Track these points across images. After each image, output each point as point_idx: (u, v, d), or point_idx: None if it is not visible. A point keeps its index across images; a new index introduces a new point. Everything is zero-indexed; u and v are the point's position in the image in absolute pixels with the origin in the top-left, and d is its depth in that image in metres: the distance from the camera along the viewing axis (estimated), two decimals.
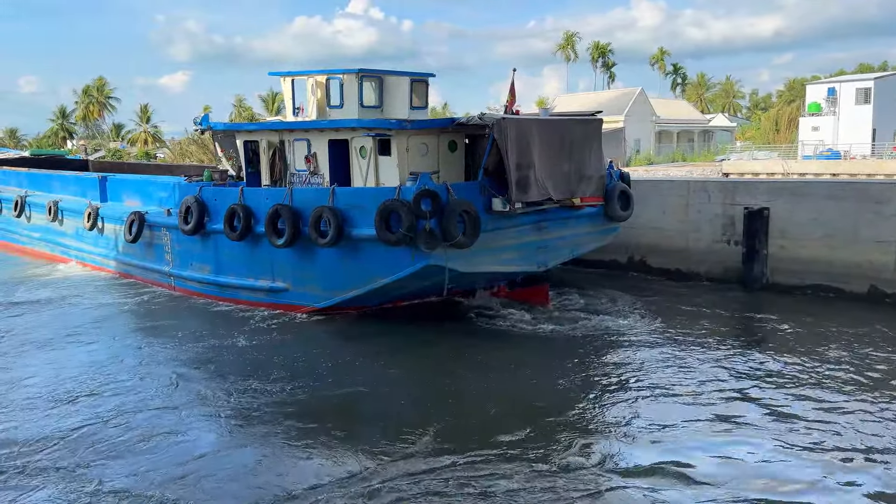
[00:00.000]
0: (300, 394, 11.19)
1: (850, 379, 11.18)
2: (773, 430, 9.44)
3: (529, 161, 14.40)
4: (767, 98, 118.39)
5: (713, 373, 11.64)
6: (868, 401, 10.31)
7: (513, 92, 15.65)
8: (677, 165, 57.12)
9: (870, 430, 9.30)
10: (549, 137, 14.77)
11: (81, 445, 9.35)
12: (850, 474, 8.23)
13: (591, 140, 15.47)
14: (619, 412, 10.20)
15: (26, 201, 23.52)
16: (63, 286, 19.15)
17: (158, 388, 11.47)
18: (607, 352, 13.03)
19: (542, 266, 15.68)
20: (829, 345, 12.92)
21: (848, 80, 64.37)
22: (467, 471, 8.40)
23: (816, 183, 17.38)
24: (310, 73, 17.41)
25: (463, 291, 16.12)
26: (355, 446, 9.14)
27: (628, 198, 16.44)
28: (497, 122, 14.06)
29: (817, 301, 16.12)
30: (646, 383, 11.26)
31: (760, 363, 12.07)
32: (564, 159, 15.04)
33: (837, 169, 43.88)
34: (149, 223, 18.26)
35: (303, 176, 16.55)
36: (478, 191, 14.40)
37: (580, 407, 10.41)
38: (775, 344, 13.20)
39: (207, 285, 17.22)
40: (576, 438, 9.28)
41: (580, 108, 73.94)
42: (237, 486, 8.31)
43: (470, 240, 13.77)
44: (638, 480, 8.20)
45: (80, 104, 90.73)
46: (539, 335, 14.06)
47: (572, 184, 15.19)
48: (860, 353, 12.47)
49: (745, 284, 17.41)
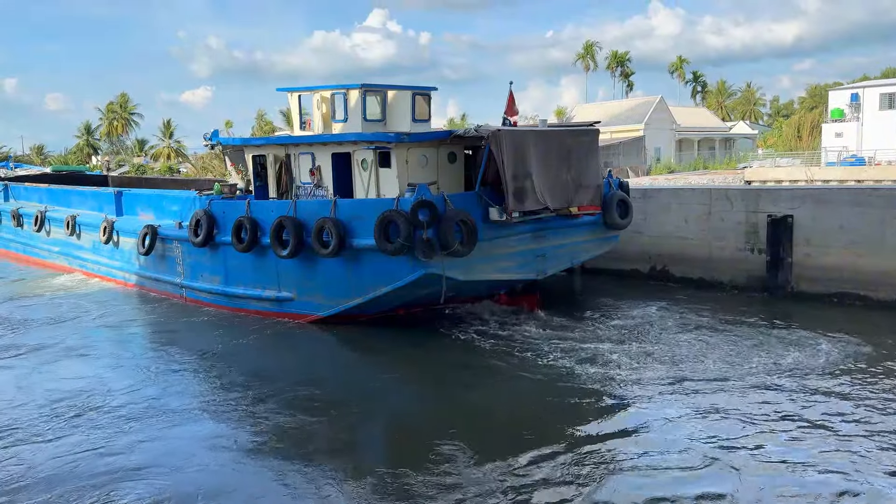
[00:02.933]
0: (301, 400, 11.55)
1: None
2: (809, 443, 9.22)
3: (526, 171, 14.71)
4: (789, 105, 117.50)
5: (744, 381, 11.44)
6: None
7: (510, 104, 15.98)
8: (699, 173, 56.93)
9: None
10: (545, 148, 15.08)
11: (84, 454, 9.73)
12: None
13: (587, 150, 15.76)
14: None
15: (46, 216, 24.30)
16: (79, 298, 19.77)
17: (169, 395, 11.90)
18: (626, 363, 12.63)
19: (541, 274, 15.95)
20: (862, 356, 12.59)
21: (872, 86, 63.64)
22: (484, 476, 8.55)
23: (841, 189, 17.15)
24: (315, 89, 17.92)
25: (463, 299, 16.41)
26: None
27: (627, 206, 16.68)
28: (493, 134, 14.41)
29: (844, 309, 15.82)
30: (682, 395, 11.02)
31: (792, 377, 11.69)
32: (561, 169, 15.33)
33: (862, 175, 43.34)
34: (161, 236, 18.83)
35: (308, 188, 16.99)
36: (475, 201, 14.74)
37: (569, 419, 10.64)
38: (803, 356, 12.70)
39: (217, 296, 17.71)
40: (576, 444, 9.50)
41: (599, 117, 74.52)
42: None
43: (467, 248, 14.09)
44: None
45: (104, 120, 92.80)
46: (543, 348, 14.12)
47: (569, 193, 15.46)
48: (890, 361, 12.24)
49: (769, 293, 17.22)
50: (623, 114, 74.85)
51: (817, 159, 57.55)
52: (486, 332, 14.83)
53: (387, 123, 17.41)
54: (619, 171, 62.22)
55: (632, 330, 14.57)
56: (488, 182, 14.93)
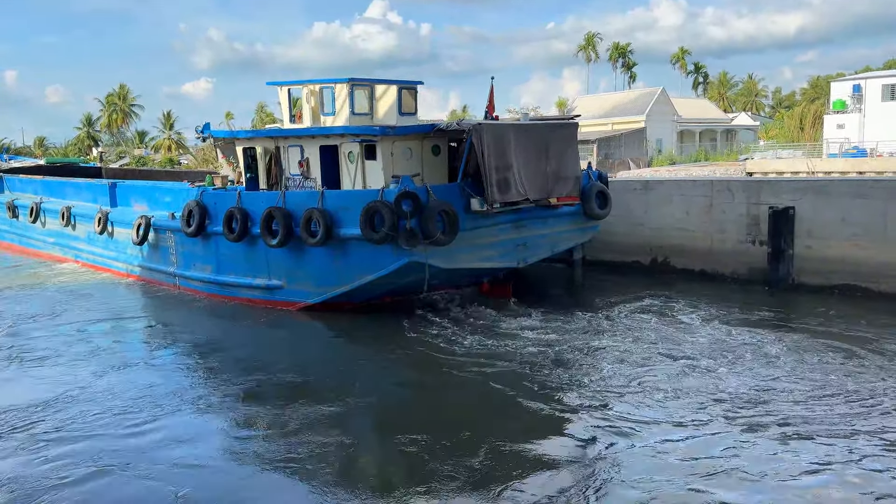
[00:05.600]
0: (285, 384, 12.06)
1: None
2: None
3: (507, 163, 15.16)
4: (791, 96, 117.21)
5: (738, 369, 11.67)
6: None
7: (491, 99, 16.43)
8: (700, 165, 56.88)
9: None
10: (525, 141, 15.52)
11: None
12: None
13: (566, 143, 16.20)
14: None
15: (41, 207, 24.82)
16: (73, 288, 20.29)
17: (161, 382, 12.22)
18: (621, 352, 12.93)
19: (522, 262, 16.41)
20: (861, 344, 12.74)
21: (874, 77, 63.38)
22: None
23: (843, 181, 17.07)
24: (304, 83, 18.32)
25: (447, 287, 16.86)
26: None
27: (606, 197, 17.14)
28: (474, 128, 14.86)
29: (846, 301, 15.84)
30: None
31: (788, 364, 11.88)
32: (541, 161, 15.76)
33: (864, 167, 43.08)
34: (154, 226, 19.33)
35: (297, 180, 17.43)
36: (457, 192, 15.21)
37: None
38: (804, 345, 12.85)
39: (209, 284, 18.20)
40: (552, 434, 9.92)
41: (600, 108, 74.85)
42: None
43: (449, 238, 14.60)
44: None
45: (104, 112, 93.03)
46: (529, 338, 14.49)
47: (549, 184, 15.90)
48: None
49: (770, 285, 17.25)
50: (624, 105, 74.85)
51: (819, 151, 57.35)
52: (465, 322, 15.25)
53: (374, 117, 17.84)
54: (620, 162, 62.76)
55: (627, 323, 14.71)
56: (470, 174, 15.39)
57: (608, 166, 62.55)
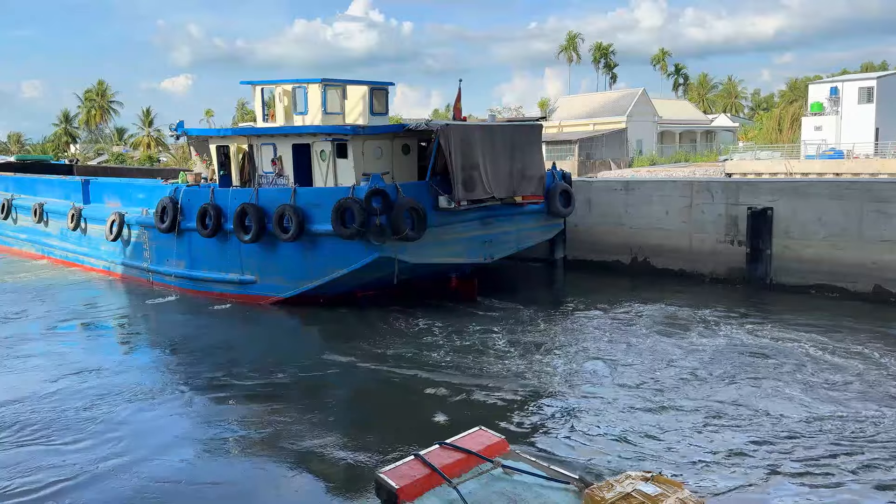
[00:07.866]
0: (255, 377, 12.29)
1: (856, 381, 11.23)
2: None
3: (473, 163, 15.61)
4: (770, 98, 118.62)
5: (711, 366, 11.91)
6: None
7: (458, 102, 16.90)
8: (680, 166, 57.50)
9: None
10: (491, 141, 16.00)
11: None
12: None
13: (531, 144, 16.72)
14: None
15: (13, 204, 24.88)
16: (46, 284, 20.40)
17: (133, 378, 12.32)
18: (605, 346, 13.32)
19: (488, 258, 16.87)
20: (835, 344, 12.91)
21: (851, 80, 64.28)
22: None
23: (820, 182, 17.36)
24: (278, 83, 18.67)
25: (416, 281, 17.23)
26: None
27: (569, 196, 17.70)
28: (442, 128, 15.30)
29: (822, 300, 16.11)
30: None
31: (763, 362, 12.06)
32: (506, 161, 16.24)
33: (840, 168, 43.77)
34: (128, 223, 19.57)
35: (269, 177, 17.76)
36: (426, 190, 15.65)
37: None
38: (779, 344, 13.02)
39: (183, 279, 18.48)
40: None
41: (582, 108, 75.44)
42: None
43: (417, 234, 15.05)
44: None
45: (82, 108, 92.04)
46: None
47: (514, 183, 16.37)
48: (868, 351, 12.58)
49: (749, 284, 17.50)
50: (606, 106, 75.49)
51: (797, 152, 58.07)
52: (434, 316, 15.64)
53: (346, 116, 18.20)
54: (601, 163, 63.34)
55: (599, 322, 14.91)
56: (438, 172, 15.82)
57: (589, 166, 63.30)
